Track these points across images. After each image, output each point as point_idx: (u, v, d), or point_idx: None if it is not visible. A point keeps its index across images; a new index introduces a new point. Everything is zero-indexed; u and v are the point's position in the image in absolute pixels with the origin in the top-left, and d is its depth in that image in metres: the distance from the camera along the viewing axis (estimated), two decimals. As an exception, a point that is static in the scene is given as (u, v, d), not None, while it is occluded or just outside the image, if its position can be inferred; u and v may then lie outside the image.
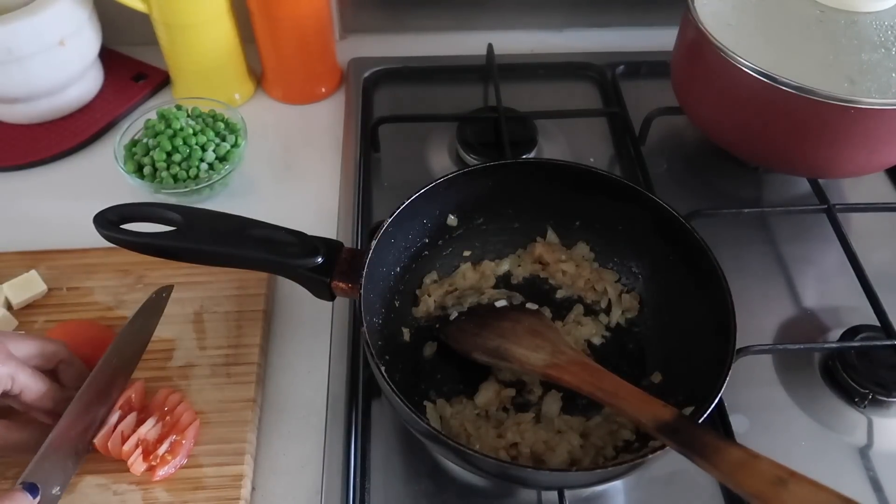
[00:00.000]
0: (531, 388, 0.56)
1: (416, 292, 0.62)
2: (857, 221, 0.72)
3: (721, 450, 0.40)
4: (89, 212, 0.53)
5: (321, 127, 0.82)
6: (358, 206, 0.71)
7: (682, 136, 0.81)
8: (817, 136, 0.61)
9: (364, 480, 0.53)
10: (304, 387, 0.59)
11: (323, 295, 0.54)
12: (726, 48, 0.61)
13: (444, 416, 0.54)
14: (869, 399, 0.57)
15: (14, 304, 0.60)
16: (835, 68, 0.59)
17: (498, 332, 0.56)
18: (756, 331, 0.62)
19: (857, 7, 0.62)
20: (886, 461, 0.55)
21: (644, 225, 0.59)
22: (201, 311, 0.61)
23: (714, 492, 0.53)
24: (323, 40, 0.82)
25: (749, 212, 0.72)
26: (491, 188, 0.61)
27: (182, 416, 0.53)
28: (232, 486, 0.51)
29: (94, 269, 0.64)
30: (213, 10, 0.76)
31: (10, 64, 0.71)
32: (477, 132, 0.77)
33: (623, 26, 0.94)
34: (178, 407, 0.53)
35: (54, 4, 0.71)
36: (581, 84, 0.87)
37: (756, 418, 0.57)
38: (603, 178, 0.59)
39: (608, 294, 0.62)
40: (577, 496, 0.53)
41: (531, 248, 0.64)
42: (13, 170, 0.75)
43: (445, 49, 0.89)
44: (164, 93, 0.85)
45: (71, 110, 0.80)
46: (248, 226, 0.54)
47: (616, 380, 0.49)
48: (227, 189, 0.74)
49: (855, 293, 0.62)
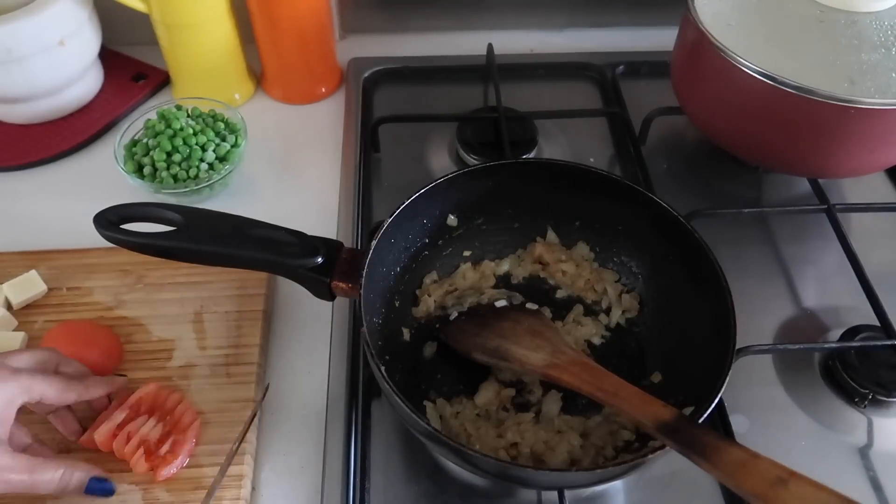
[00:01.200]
0: (531, 388, 0.56)
1: (416, 292, 0.62)
2: (857, 221, 0.72)
3: (721, 450, 0.40)
4: (89, 212, 0.53)
5: (321, 127, 0.82)
6: (358, 206, 0.70)
7: (682, 136, 0.81)
8: (817, 136, 0.61)
9: (364, 480, 0.53)
10: (304, 387, 0.59)
11: (323, 295, 0.54)
12: (726, 48, 0.61)
13: (444, 416, 0.54)
14: (869, 399, 0.57)
15: (14, 304, 0.60)
16: (835, 68, 0.59)
17: (498, 332, 0.56)
18: (756, 331, 0.62)
19: (857, 7, 0.62)
20: (886, 461, 0.55)
21: (644, 225, 0.59)
22: (201, 311, 0.61)
23: (714, 492, 0.53)
24: (323, 40, 0.82)
25: (749, 212, 0.72)
26: (491, 188, 0.61)
27: (183, 416, 0.53)
28: (232, 486, 0.51)
29: (94, 269, 0.64)
30: (213, 10, 0.76)
31: (10, 64, 0.71)
32: (477, 132, 0.77)
33: (623, 26, 0.94)
34: (179, 407, 0.54)
35: (54, 4, 0.71)
36: (581, 84, 0.87)
37: (756, 418, 0.57)
38: (603, 178, 0.59)
39: (608, 294, 0.62)
40: (577, 496, 0.53)
41: (531, 248, 0.64)
42: (13, 170, 0.75)
43: (445, 49, 0.89)
44: (164, 93, 0.85)
45: (71, 110, 0.80)
46: (248, 226, 0.54)
47: (616, 380, 0.49)
48: (227, 189, 0.74)
49: (855, 293, 0.62)
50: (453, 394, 0.56)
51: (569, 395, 0.54)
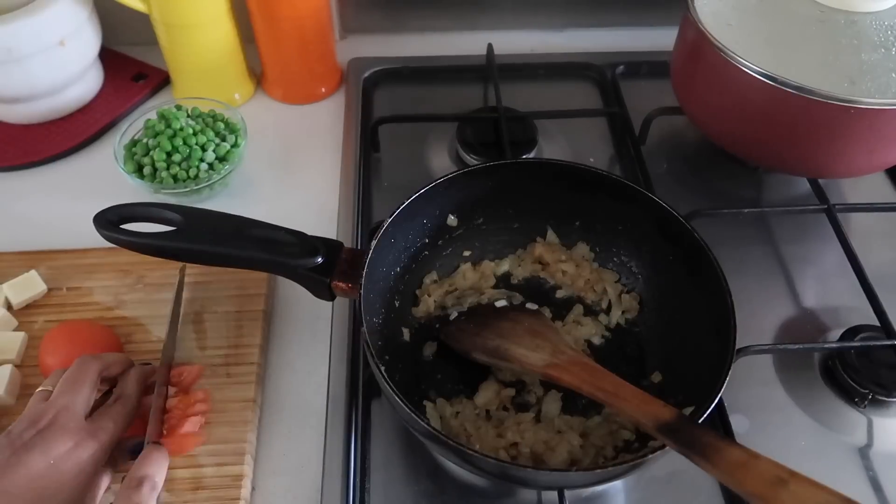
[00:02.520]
0: (531, 388, 0.56)
1: (416, 292, 0.62)
2: (857, 221, 0.72)
3: (721, 450, 0.40)
4: (89, 212, 0.53)
5: (321, 127, 0.82)
6: (358, 206, 0.71)
7: (682, 136, 0.81)
8: (817, 136, 0.61)
9: (364, 480, 0.53)
10: (304, 387, 0.59)
11: (323, 295, 0.54)
12: (726, 48, 0.61)
13: (444, 416, 0.54)
14: (869, 399, 0.57)
15: (14, 304, 0.60)
16: (835, 68, 0.59)
17: (498, 332, 0.56)
18: (756, 331, 0.62)
19: (857, 7, 0.62)
20: (886, 461, 0.55)
21: (644, 225, 0.59)
22: (201, 311, 0.61)
23: (714, 492, 0.53)
24: (323, 40, 0.82)
25: (749, 212, 0.72)
26: (491, 188, 0.61)
27: (184, 376, 0.56)
28: (232, 486, 0.51)
29: (94, 269, 0.64)
30: (213, 10, 0.76)
31: (10, 64, 0.71)
32: (477, 132, 0.77)
33: (623, 26, 0.94)
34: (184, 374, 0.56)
35: (54, 4, 0.71)
36: (581, 84, 0.87)
37: (756, 418, 0.57)
38: (603, 178, 0.59)
39: (608, 294, 0.62)
40: (577, 496, 0.53)
41: (531, 248, 0.64)
42: (13, 170, 0.75)
43: (445, 49, 0.89)
44: (164, 93, 0.85)
45: (71, 110, 0.80)
46: (248, 226, 0.54)
47: (616, 380, 0.49)
48: (227, 189, 0.74)
49: (855, 293, 0.62)
50: (453, 394, 0.56)
51: (569, 395, 0.54)
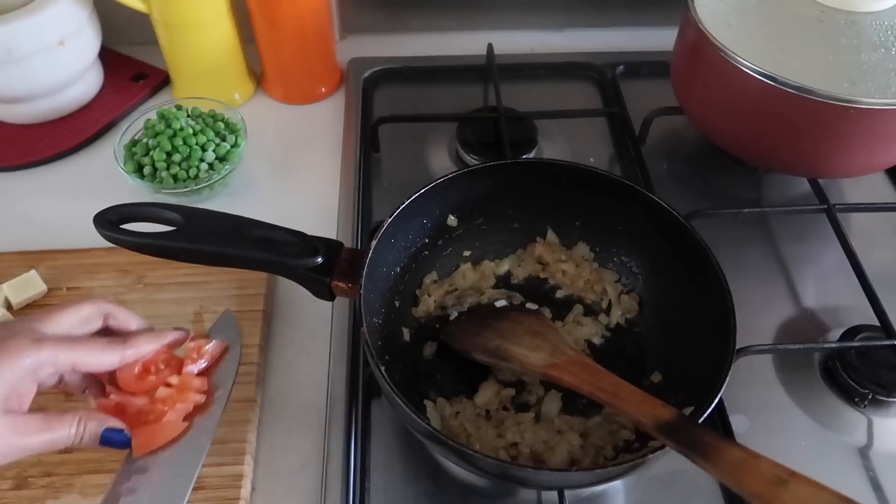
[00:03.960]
0: (531, 388, 0.56)
1: (416, 292, 0.62)
2: (857, 221, 0.72)
3: (721, 450, 0.40)
4: (89, 212, 0.53)
5: (321, 127, 0.82)
6: (358, 206, 0.71)
7: (682, 136, 0.81)
8: (817, 136, 0.61)
9: (364, 480, 0.53)
10: (304, 387, 0.59)
11: (323, 295, 0.54)
12: (726, 48, 0.61)
13: (444, 416, 0.54)
14: (869, 399, 0.57)
15: (14, 304, 0.60)
16: (835, 68, 0.59)
17: (498, 332, 0.56)
18: (756, 331, 0.62)
19: (857, 7, 0.62)
20: (886, 461, 0.55)
21: (644, 225, 0.59)
22: (201, 311, 0.61)
23: (714, 492, 0.53)
24: (323, 40, 0.82)
25: (749, 212, 0.72)
26: (491, 188, 0.61)
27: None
28: (232, 486, 0.51)
29: (94, 269, 0.64)
30: (213, 10, 0.76)
31: (10, 64, 0.71)
32: (477, 132, 0.77)
33: (623, 26, 0.94)
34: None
35: (54, 4, 0.71)
36: (581, 84, 0.87)
37: (756, 418, 0.57)
38: (603, 178, 0.59)
39: (608, 294, 0.62)
40: (577, 496, 0.53)
41: (531, 248, 0.64)
42: (13, 170, 0.76)
43: (445, 49, 0.89)
44: (164, 93, 0.85)
45: (71, 110, 0.80)
46: (248, 226, 0.54)
47: (616, 380, 0.49)
48: (227, 189, 0.74)
49: (855, 293, 0.62)
50: (453, 394, 0.56)
51: (569, 395, 0.54)
